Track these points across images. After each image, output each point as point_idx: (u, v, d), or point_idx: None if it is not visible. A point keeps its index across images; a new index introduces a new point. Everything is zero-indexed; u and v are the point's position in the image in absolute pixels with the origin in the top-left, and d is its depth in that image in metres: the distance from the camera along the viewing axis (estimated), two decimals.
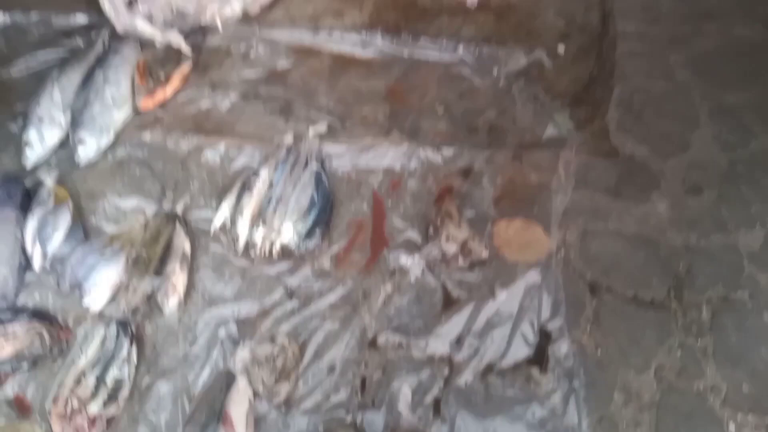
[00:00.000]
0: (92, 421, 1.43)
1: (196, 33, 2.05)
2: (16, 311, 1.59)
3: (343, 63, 2.05)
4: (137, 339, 1.56)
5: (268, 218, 1.69)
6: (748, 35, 2.02)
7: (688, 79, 1.94)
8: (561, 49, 2.02)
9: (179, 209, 1.76)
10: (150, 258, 1.64)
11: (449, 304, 1.64)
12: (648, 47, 1.99)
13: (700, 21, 2.03)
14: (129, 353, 1.52)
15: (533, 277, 1.66)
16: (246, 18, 2.09)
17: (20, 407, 1.49)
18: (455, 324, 1.61)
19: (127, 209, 1.78)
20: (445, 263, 1.68)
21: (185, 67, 1.98)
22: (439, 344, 1.58)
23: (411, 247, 1.71)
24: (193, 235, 1.72)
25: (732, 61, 1.97)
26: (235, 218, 1.70)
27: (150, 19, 1.99)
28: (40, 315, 1.59)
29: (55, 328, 1.57)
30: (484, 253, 1.69)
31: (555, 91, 1.96)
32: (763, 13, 2.06)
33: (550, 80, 1.98)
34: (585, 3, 2.10)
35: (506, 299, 1.64)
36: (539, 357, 1.57)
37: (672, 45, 1.99)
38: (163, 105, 1.94)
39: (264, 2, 2.10)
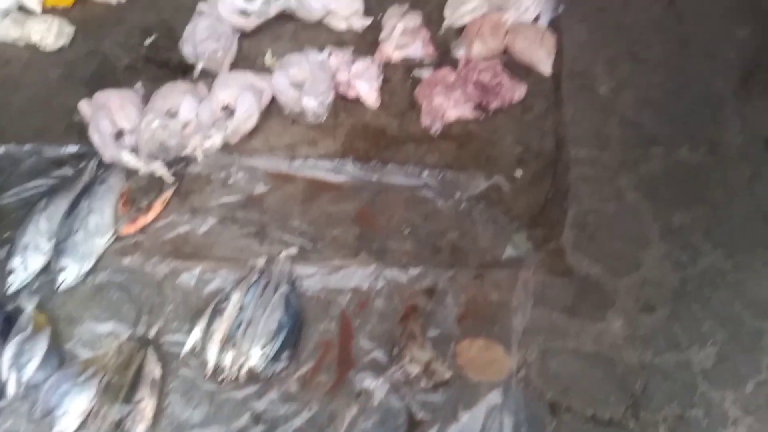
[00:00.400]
0: None
1: (179, 162, 2.19)
2: None
3: (316, 188, 2.18)
4: None
5: (238, 342, 1.75)
6: (692, 158, 2.17)
7: (638, 201, 2.07)
8: (518, 173, 2.16)
9: (152, 333, 1.82)
10: (121, 385, 1.68)
11: (413, 426, 1.68)
12: (599, 171, 2.13)
13: (647, 146, 2.19)
14: None
15: (495, 397, 1.71)
16: (227, 146, 2.25)
17: None
18: None
19: (103, 334, 1.84)
20: (409, 384, 1.73)
21: (167, 194, 2.10)
22: None
23: (377, 368, 1.77)
24: (164, 359, 1.78)
25: (678, 183, 2.11)
26: (206, 342, 1.76)
27: (136, 150, 2.14)
28: None
29: None
30: (447, 374, 1.74)
31: (513, 213, 2.08)
32: (706, 137, 2.22)
33: (509, 203, 2.10)
34: (540, 131, 2.27)
35: (468, 421, 1.68)
36: None
37: (622, 169, 2.13)
38: (143, 229, 2.05)
39: (244, 132, 2.26)
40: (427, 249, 2.03)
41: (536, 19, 2.52)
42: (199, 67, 2.37)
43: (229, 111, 2.26)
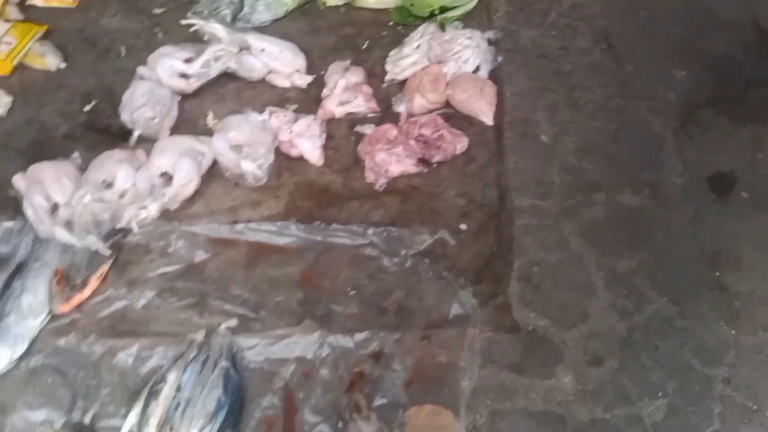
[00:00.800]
0: None
1: (117, 232, 2.13)
2: None
3: (258, 251, 2.14)
4: None
5: (176, 425, 1.68)
6: (634, 202, 2.17)
7: (582, 249, 2.05)
8: (463, 226, 2.14)
9: (88, 419, 1.75)
10: None
11: None
12: (543, 220, 2.11)
13: (589, 191, 2.18)
14: None
15: None
16: (167, 213, 2.20)
17: None
18: None
19: (36, 422, 1.76)
20: None
21: (104, 268, 2.05)
22: None
23: None
24: None
25: (621, 227, 2.10)
26: (142, 427, 1.69)
27: (71, 224, 2.08)
28: None
29: None
30: None
31: (459, 267, 2.05)
32: (647, 179, 2.23)
33: (454, 257, 2.08)
34: (483, 182, 2.26)
35: None
36: None
37: (564, 216, 2.12)
38: (79, 307, 1.98)
39: (183, 198, 2.21)
40: (372, 311, 1.99)
41: (476, 69, 2.54)
42: (135, 135, 2.34)
43: (167, 177, 2.22)
